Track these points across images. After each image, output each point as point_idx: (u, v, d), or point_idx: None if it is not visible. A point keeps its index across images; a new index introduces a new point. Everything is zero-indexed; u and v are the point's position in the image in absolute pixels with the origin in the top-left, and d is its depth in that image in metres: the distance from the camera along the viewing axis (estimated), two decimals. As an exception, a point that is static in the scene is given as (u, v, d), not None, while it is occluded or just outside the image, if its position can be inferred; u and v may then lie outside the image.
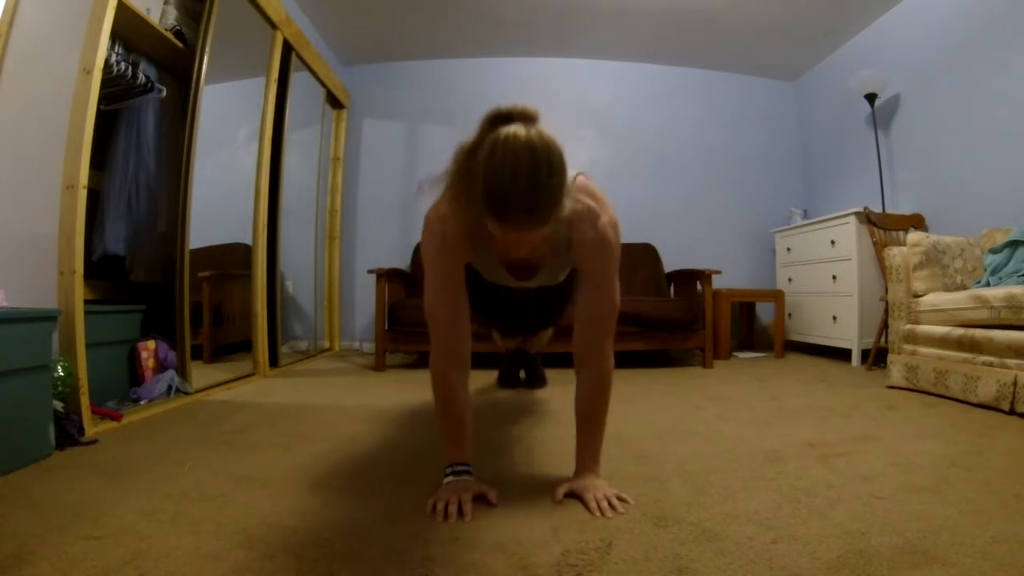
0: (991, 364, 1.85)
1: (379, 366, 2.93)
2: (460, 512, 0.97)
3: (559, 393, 2.23)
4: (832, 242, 3.27)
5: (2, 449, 1.19)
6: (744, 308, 3.94)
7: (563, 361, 2.49)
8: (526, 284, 1.24)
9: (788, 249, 3.79)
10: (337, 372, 2.92)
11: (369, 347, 3.78)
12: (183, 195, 2.09)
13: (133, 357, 2.04)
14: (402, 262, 3.83)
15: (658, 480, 1.17)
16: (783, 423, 1.70)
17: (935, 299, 2.18)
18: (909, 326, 2.29)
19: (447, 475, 1.07)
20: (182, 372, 2.07)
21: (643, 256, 3.68)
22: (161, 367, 2.10)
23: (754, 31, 3.64)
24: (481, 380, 2.41)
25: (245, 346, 2.68)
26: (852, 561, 0.79)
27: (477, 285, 1.26)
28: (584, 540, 0.88)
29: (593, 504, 1.01)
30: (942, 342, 2.09)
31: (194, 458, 1.32)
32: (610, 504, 1.01)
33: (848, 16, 3.41)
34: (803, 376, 2.67)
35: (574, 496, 1.05)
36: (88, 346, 1.58)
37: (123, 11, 1.76)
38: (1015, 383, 1.71)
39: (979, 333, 1.92)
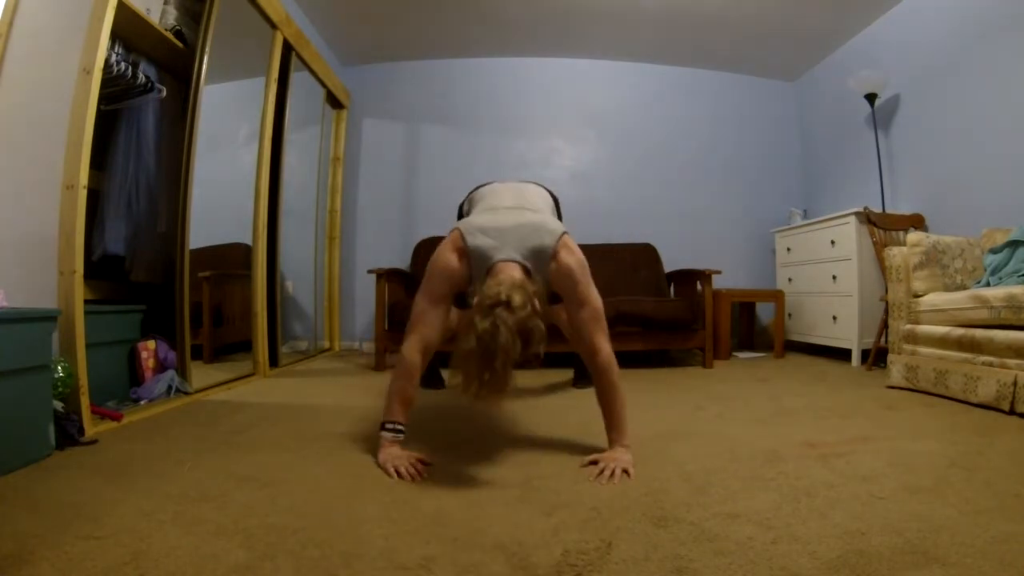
0: (991, 364, 1.85)
1: (379, 366, 2.93)
2: (416, 473, 1.20)
3: (560, 395, 2.23)
4: (832, 242, 3.27)
5: (2, 449, 1.19)
6: (744, 308, 3.94)
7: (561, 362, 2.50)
8: None
9: (788, 249, 3.79)
10: (337, 372, 2.92)
11: (369, 347, 3.78)
12: (183, 195, 2.09)
13: (133, 357, 2.03)
14: (402, 262, 3.83)
15: (658, 480, 1.17)
16: (783, 423, 1.70)
17: (935, 299, 2.18)
18: (909, 326, 2.29)
19: (390, 428, 1.31)
20: (182, 372, 2.07)
21: (643, 256, 3.68)
22: (161, 367, 2.09)
23: (754, 31, 3.64)
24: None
25: (245, 346, 2.68)
26: (852, 561, 0.79)
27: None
28: (584, 540, 0.88)
29: (597, 470, 1.21)
30: (942, 342, 2.09)
31: (194, 458, 1.32)
32: (612, 475, 1.18)
33: (848, 16, 3.41)
34: (803, 376, 2.67)
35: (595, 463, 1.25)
36: (88, 346, 1.58)
37: (123, 11, 1.76)
38: (1015, 383, 1.71)
39: (979, 333, 1.92)
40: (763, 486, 1.12)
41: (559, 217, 1.83)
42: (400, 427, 1.33)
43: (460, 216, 1.84)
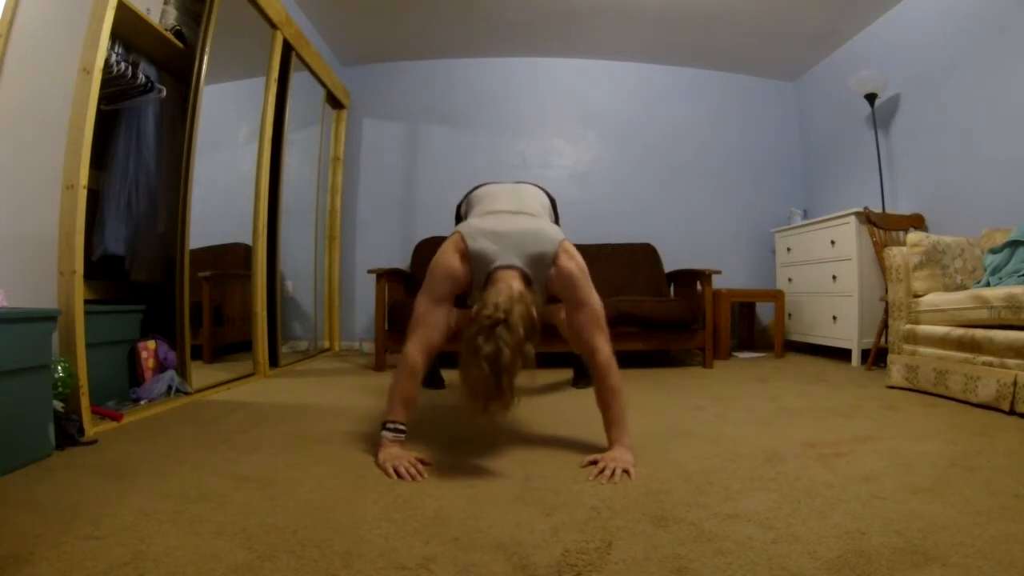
0: (991, 364, 1.85)
1: (379, 366, 2.93)
2: (416, 473, 1.20)
3: (560, 395, 2.23)
4: (832, 242, 3.27)
5: (2, 449, 1.19)
6: (744, 308, 3.94)
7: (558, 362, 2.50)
8: None
9: (788, 249, 3.79)
10: (337, 372, 2.91)
11: (369, 347, 3.78)
12: (183, 195, 2.09)
13: (133, 357, 2.03)
14: (402, 262, 3.83)
15: (658, 480, 1.17)
16: (783, 423, 1.70)
17: (935, 299, 2.18)
18: (909, 326, 2.29)
19: (391, 428, 1.31)
20: (182, 372, 2.07)
21: (643, 256, 3.68)
22: (161, 367, 2.09)
23: (754, 31, 3.64)
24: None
25: (245, 346, 2.68)
26: (852, 561, 0.79)
27: None
28: (584, 540, 0.88)
29: (597, 470, 1.20)
30: (942, 342, 2.09)
31: (194, 458, 1.32)
32: (612, 475, 1.17)
33: (848, 16, 3.41)
34: (803, 376, 2.67)
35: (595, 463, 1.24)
36: (88, 346, 1.58)
37: (123, 11, 1.76)
38: (1015, 383, 1.71)
39: (979, 333, 1.92)
40: (763, 486, 1.12)
41: (556, 218, 1.84)
42: (401, 427, 1.33)
43: (458, 217, 1.85)
